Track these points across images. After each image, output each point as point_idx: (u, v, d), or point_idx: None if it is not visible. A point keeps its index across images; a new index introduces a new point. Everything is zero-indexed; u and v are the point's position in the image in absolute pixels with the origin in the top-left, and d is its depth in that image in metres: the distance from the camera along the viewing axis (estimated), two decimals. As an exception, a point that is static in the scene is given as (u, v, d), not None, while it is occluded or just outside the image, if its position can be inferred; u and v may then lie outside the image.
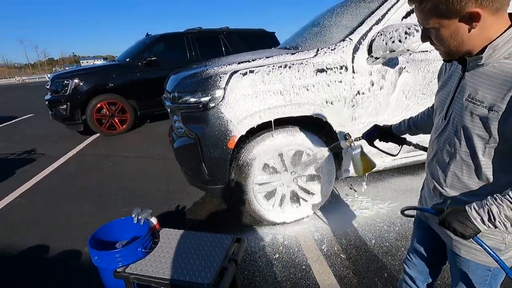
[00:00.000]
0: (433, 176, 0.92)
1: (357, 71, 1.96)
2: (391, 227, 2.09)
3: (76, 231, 2.33)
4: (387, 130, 1.25)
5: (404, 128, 1.20)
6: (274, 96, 1.87)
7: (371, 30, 1.99)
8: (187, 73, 2.10)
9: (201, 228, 2.26)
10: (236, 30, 6.35)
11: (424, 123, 1.13)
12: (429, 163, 0.94)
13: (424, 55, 2.05)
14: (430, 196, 0.97)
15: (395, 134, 1.24)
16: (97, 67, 5.33)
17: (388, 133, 1.25)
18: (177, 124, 2.13)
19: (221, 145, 1.91)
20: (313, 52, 1.97)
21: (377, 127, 1.28)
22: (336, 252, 1.90)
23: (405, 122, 1.20)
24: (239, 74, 1.86)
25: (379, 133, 1.26)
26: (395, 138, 1.24)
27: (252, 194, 2.05)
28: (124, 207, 2.65)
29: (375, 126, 1.29)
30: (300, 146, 2.03)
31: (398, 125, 1.22)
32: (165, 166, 3.55)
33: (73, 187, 3.16)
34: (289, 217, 2.20)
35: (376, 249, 1.89)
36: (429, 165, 0.94)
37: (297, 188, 2.18)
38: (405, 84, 2.05)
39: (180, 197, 2.76)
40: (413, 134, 1.20)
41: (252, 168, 1.98)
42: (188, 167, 2.14)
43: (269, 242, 2.03)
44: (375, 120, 2.09)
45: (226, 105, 1.85)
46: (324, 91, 1.93)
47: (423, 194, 1.06)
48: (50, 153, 4.43)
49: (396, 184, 2.69)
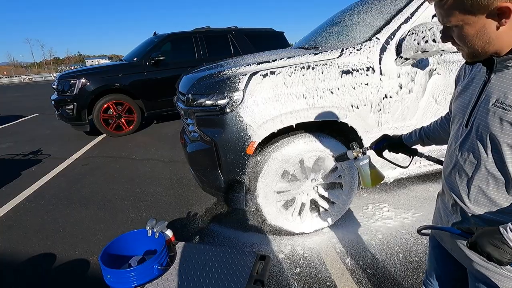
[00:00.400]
0: (452, 190, 0.82)
1: (384, 73, 1.83)
2: (418, 240, 1.96)
3: (84, 238, 2.23)
4: (397, 141, 1.17)
5: (416, 138, 1.12)
6: (296, 100, 1.75)
7: (399, 29, 1.86)
8: (202, 74, 1.99)
9: (215, 237, 2.14)
10: (244, 29, 6.24)
11: (437, 133, 1.05)
12: (448, 175, 0.84)
13: (456, 56, 1.91)
14: (447, 213, 0.86)
15: (405, 144, 1.16)
16: (104, 67, 5.25)
17: (398, 143, 1.17)
18: (191, 127, 2.02)
19: (239, 151, 1.79)
20: (337, 52, 1.85)
21: (387, 137, 1.21)
22: (362, 266, 1.77)
23: (416, 132, 1.12)
24: (259, 76, 1.74)
25: (389, 144, 1.19)
26: (405, 149, 1.17)
27: (271, 202, 1.93)
28: (133, 213, 2.55)
29: (384, 136, 1.22)
30: (322, 153, 1.90)
31: (409, 135, 1.15)
32: (174, 170, 3.45)
33: (80, 190, 3.07)
34: (308, 227, 2.07)
35: (405, 264, 1.76)
36: (448, 178, 0.84)
37: (317, 196, 2.06)
38: (435, 87, 1.92)
39: (191, 203, 2.65)
40: (425, 145, 1.12)
41: (271, 176, 1.86)
42: (202, 173, 2.02)
43: (289, 255, 1.91)
44: (402, 126, 1.96)
45: (245, 108, 1.74)
46: (349, 94, 1.80)
47: (438, 210, 0.95)
48: (56, 154, 4.35)
49: (418, 191, 2.55)
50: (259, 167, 1.89)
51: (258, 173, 1.88)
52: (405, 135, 1.16)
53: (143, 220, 2.42)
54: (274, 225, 2.02)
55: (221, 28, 6.09)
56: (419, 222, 2.13)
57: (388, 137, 1.21)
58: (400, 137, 1.17)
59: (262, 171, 1.86)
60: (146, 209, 2.59)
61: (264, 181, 1.87)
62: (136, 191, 2.95)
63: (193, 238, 2.16)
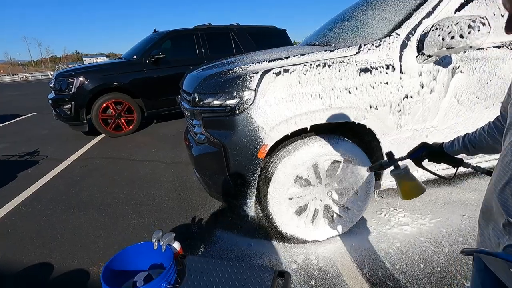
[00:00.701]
0: (506, 208, 0.69)
1: (405, 72, 1.71)
2: (438, 248, 1.85)
3: (83, 246, 2.11)
4: (437, 149, 1.06)
5: (459, 147, 1.00)
6: (312, 100, 1.62)
7: (420, 24, 1.74)
8: (210, 72, 1.86)
9: (222, 245, 2.02)
10: (246, 26, 6.10)
11: (484, 141, 0.93)
12: (500, 191, 0.71)
13: (480, 53, 1.80)
14: (497, 234, 0.73)
15: (447, 154, 1.05)
16: (103, 65, 5.10)
17: (439, 152, 1.06)
18: (197, 129, 1.89)
19: (250, 155, 1.67)
20: (354, 49, 1.72)
21: (426, 145, 1.10)
22: (381, 278, 1.66)
23: (459, 140, 1.00)
24: (271, 74, 1.62)
25: (429, 152, 1.08)
26: (448, 158, 1.05)
27: (282, 209, 1.81)
28: (134, 218, 2.42)
29: (423, 144, 1.11)
30: (338, 156, 1.78)
31: (451, 144, 1.04)
32: (176, 171, 3.32)
33: (79, 194, 2.94)
34: (321, 235, 1.96)
35: (427, 275, 1.65)
36: (500, 194, 0.71)
37: (331, 202, 1.94)
38: (458, 87, 1.80)
39: (195, 207, 2.53)
40: (471, 155, 1.00)
41: (283, 181, 1.74)
42: (209, 177, 1.90)
43: (302, 265, 1.79)
44: (422, 127, 1.84)
45: (257, 109, 1.61)
46: (368, 94, 1.68)
47: (483, 230, 0.82)
48: (54, 155, 4.21)
49: (433, 195, 2.43)
50: (270, 171, 1.77)
51: (270, 178, 1.76)
52: (446, 143, 1.05)
53: (145, 226, 2.30)
54: (285, 233, 1.90)
55: (223, 26, 5.95)
56: (437, 229, 2.02)
57: (428, 145, 1.09)
58: (441, 146, 1.06)
59: (274, 176, 1.74)
60: (148, 214, 2.46)
61: (275, 187, 1.75)
62: (137, 195, 2.83)
63: (199, 246, 2.04)
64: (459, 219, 2.09)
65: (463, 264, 1.70)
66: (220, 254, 1.94)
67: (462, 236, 1.93)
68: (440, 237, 1.94)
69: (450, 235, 1.95)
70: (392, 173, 1.14)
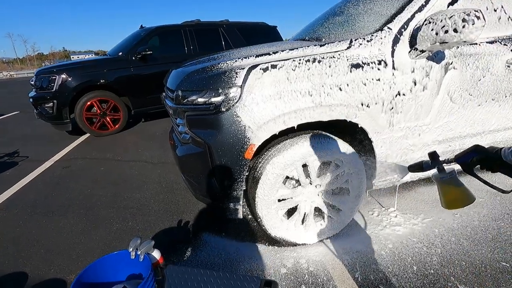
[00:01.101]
0: None
1: (397, 68, 1.65)
2: (431, 249, 1.80)
3: (61, 253, 1.98)
4: (493, 155, 0.84)
5: None
6: (301, 97, 1.54)
7: (413, 18, 1.68)
8: (194, 68, 1.76)
9: (208, 249, 1.93)
10: (236, 23, 5.99)
11: None
12: None
13: (473, 48, 1.75)
14: None
15: (506, 162, 0.81)
16: (87, 62, 4.91)
17: (495, 159, 0.84)
18: (181, 128, 1.79)
19: (237, 156, 1.58)
20: (345, 44, 1.65)
21: (478, 149, 0.90)
22: (374, 282, 1.59)
23: None
24: (258, 70, 1.53)
25: (482, 158, 0.88)
26: (508, 167, 0.82)
27: (271, 211, 1.73)
28: (117, 223, 2.30)
29: (476, 147, 0.91)
30: (328, 156, 1.71)
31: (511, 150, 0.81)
32: (163, 172, 3.20)
33: (60, 197, 2.80)
34: (312, 237, 1.89)
35: (421, 277, 1.60)
36: None
37: (321, 203, 1.87)
38: (451, 83, 1.75)
39: (182, 210, 2.43)
40: None
41: (272, 182, 1.66)
42: (195, 179, 1.80)
43: (292, 269, 1.72)
44: (415, 125, 1.79)
45: (243, 107, 1.52)
46: (359, 91, 1.61)
47: None
48: (35, 155, 4.03)
49: (425, 194, 2.39)
50: (258, 172, 1.68)
51: (258, 179, 1.67)
52: (506, 149, 0.81)
53: (128, 231, 2.19)
54: (275, 236, 1.82)
55: (212, 22, 5.82)
56: (430, 229, 1.98)
57: (481, 149, 0.89)
58: (498, 151, 0.83)
59: (262, 177, 1.65)
60: (132, 218, 2.35)
61: (264, 188, 1.67)
62: (121, 197, 2.71)
63: (185, 250, 1.94)
64: (451, 219, 2.05)
65: (456, 265, 1.65)
66: (207, 259, 1.85)
67: (455, 236, 1.89)
68: (433, 238, 1.89)
69: (443, 235, 1.91)
70: (434, 177, 0.99)
